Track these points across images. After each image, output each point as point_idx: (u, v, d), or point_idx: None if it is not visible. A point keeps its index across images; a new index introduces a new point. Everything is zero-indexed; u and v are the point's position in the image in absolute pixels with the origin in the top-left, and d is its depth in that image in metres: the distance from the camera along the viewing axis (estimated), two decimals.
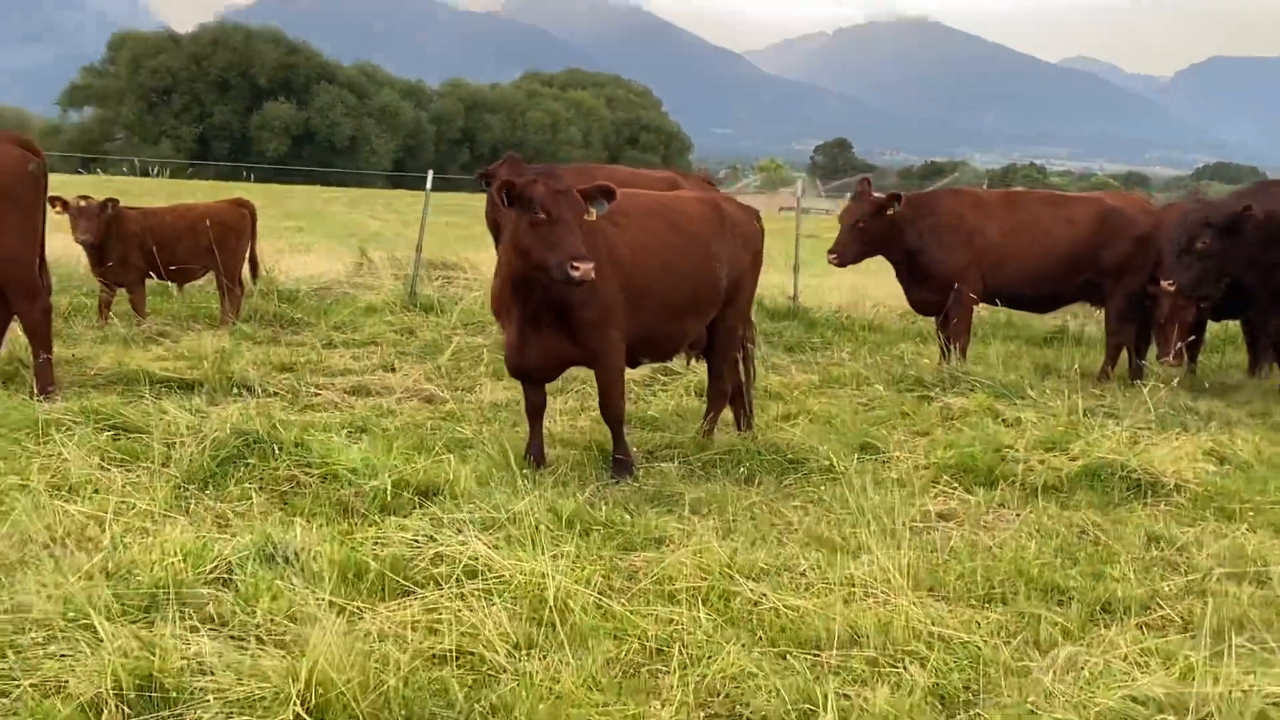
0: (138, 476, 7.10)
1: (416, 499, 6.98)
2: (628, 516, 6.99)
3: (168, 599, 5.22)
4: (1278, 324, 11.92)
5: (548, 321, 7.89)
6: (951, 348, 12.35)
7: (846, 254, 12.55)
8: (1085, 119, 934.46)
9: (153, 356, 10.68)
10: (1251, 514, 7.74)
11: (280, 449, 7.42)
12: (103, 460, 7.29)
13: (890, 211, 12.38)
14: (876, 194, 12.59)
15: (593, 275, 7.29)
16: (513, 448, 8.17)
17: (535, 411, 8.37)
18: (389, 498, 6.94)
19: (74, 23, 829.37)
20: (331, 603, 5.30)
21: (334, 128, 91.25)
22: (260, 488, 7.09)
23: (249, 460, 7.31)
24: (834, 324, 15.26)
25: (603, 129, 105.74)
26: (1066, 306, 13.89)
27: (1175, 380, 10.85)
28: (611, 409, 8.22)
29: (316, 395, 9.94)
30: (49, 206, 12.72)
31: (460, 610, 5.35)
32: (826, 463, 8.26)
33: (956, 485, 8.14)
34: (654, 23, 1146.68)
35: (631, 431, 9.34)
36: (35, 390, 9.26)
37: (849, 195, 13.47)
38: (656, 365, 11.44)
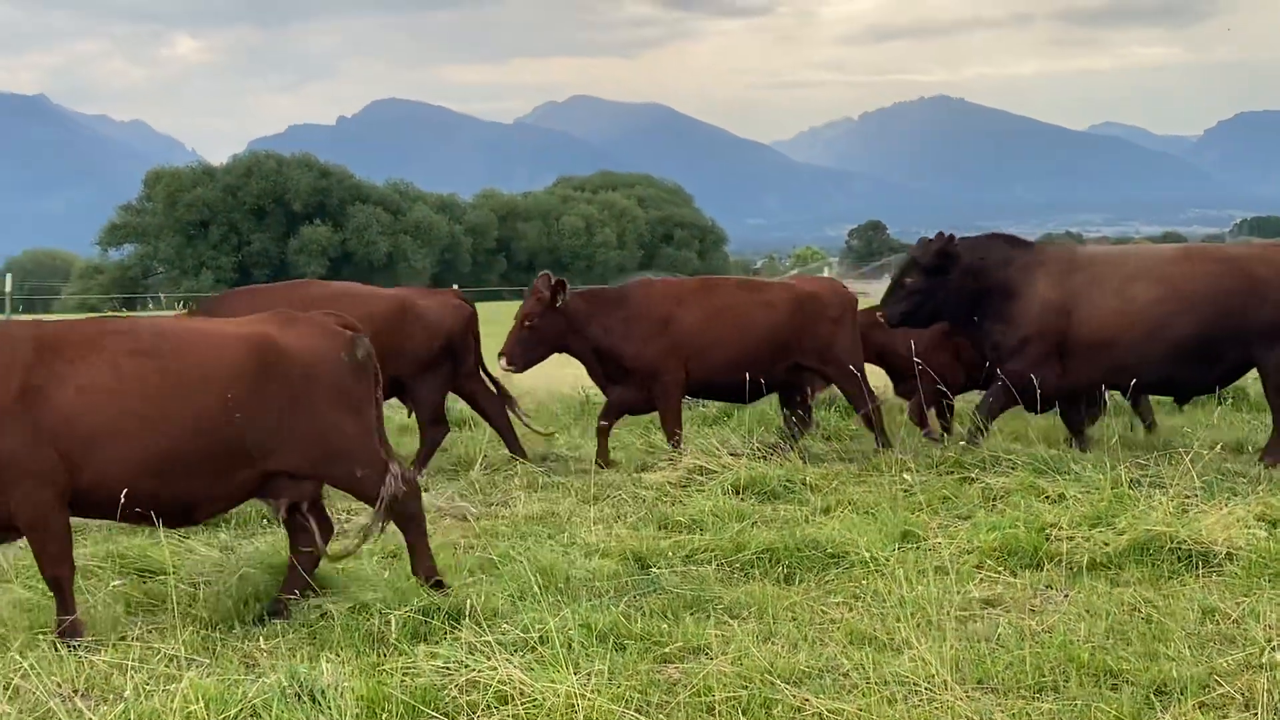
0: (163, 620, 7.01)
1: (447, 624, 6.85)
2: (665, 626, 6.83)
3: None
4: (1009, 376, 11.77)
5: None
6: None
7: (516, 355, 12.11)
8: (1118, 184, 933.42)
9: None
10: None
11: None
12: (128, 606, 7.22)
13: (559, 304, 12.01)
14: (543, 289, 12.13)
15: None
16: (547, 563, 8.04)
17: None
18: (420, 625, 6.82)
19: (110, 162, 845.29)
20: None
21: (370, 247, 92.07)
22: (288, 623, 6.99)
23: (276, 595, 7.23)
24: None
25: (637, 229, 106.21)
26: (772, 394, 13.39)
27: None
28: (44, 569, 6.96)
29: (348, 521, 9.84)
30: None
31: None
32: (867, 555, 8.07)
33: (1001, 569, 7.96)
34: (679, 119, 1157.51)
35: (669, 534, 9.19)
36: None
37: (888, 277, 13.34)
38: (692, 465, 11.31)
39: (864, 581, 7.71)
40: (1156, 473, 10.16)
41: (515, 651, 6.20)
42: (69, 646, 6.52)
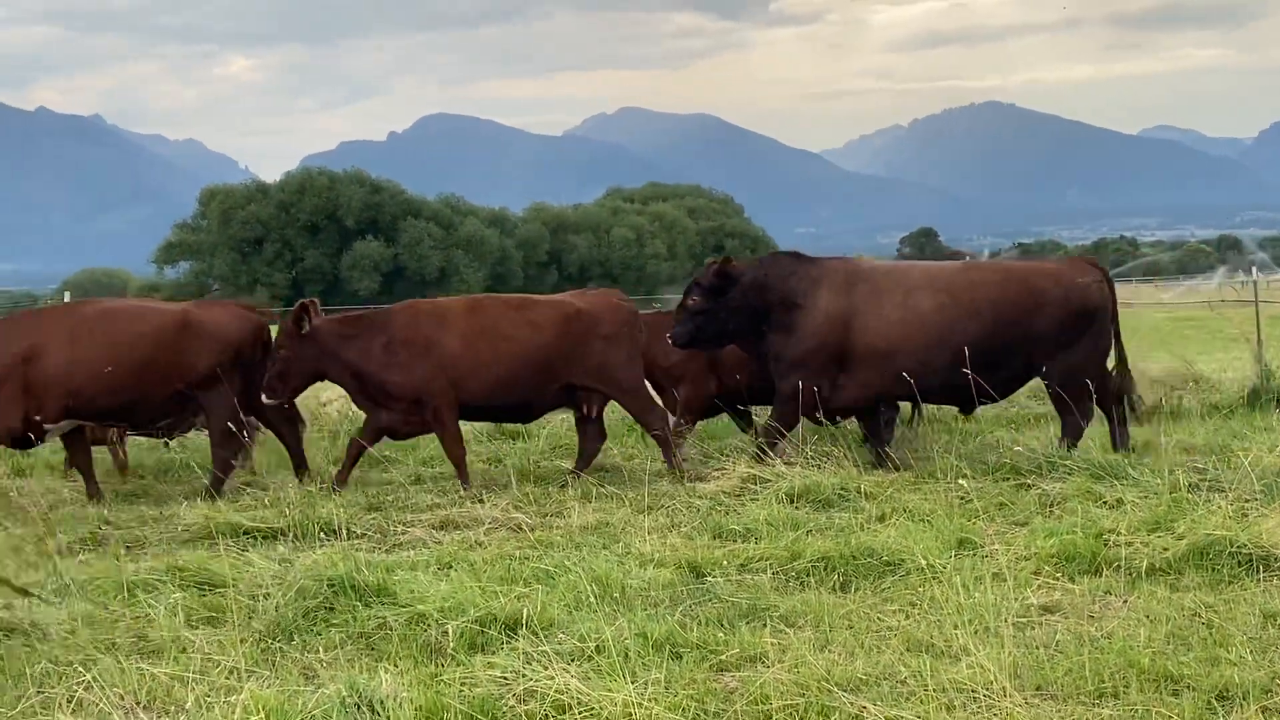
0: (223, 633, 7.08)
1: (504, 634, 6.88)
2: (721, 635, 6.83)
3: None
4: (788, 388, 12.09)
5: None
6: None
7: (276, 387, 11.84)
8: (1172, 187, 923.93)
9: (240, 507, 10.74)
10: None
11: (366, 593, 7.40)
12: (189, 619, 7.30)
13: (304, 330, 11.74)
14: (290, 320, 11.83)
15: None
16: (602, 572, 8.05)
17: None
18: (476, 635, 6.86)
19: (165, 181, 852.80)
20: None
21: (423, 261, 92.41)
22: (347, 634, 7.04)
23: (334, 607, 7.29)
24: (925, 416, 14.98)
25: (687, 239, 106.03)
26: (553, 412, 13.42)
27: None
28: None
29: (404, 533, 9.91)
30: None
31: None
32: (923, 562, 8.04)
33: (1059, 575, 7.92)
34: (728, 129, 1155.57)
35: (723, 543, 9.18)
36: None
37: None
38: (746, 474, 11.28)
39: (921, 589, 7.68)
40: (1215, 477, 10.06)
41: (572, 661, 6.24)
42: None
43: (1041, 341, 12.05)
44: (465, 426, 14.78)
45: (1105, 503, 9.64)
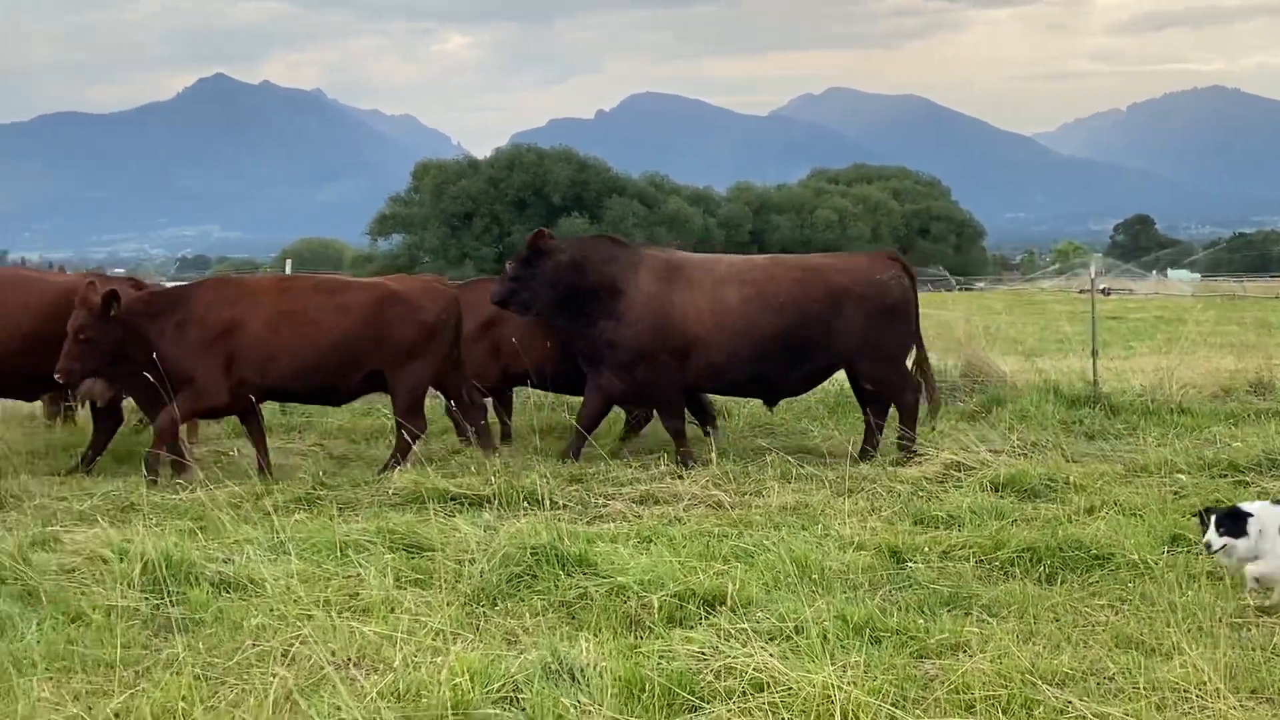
0: (430, 595, 7.25)
1: (703, 610, 6.91)
2: (921, 621, 6.76)
3: None
4: (607, 378, 12.28)
5: None
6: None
7: (74, 369, 11.12)
8: None
9: (448, 474, 10.98)
10: None
11: (568, 562, 7.51)
12: (397, 580, 7.49)
13: (113, 313, 11.04)
14: (94, 298, 11.11)
15: None
16: (801, 553, 8.01)
17: None
18: (675, 609, 6.90)
19: (381, 155, 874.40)
20: None
21: (626, 238, 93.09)
22: (548, 602, 7.15)
23: (537, 575, 7.42)
24: (1138, 409, 14.55)
25: (891, 222, 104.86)
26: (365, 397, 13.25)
27: None
28: None
29: (605, 506, 10.02)
30: None
31: None
32: (1134, 558, 7.82)
33: None
34: (938, 111, 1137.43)
35: (925, 530, 9.07)
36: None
37: (1154, 274, 12.81)
38: (949, 460, 11.12)
39: (1130, 584, 7.49)
40: None
41: (770, 640, 6.24)
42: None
43: (842, 336, 12.19)
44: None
45: None
